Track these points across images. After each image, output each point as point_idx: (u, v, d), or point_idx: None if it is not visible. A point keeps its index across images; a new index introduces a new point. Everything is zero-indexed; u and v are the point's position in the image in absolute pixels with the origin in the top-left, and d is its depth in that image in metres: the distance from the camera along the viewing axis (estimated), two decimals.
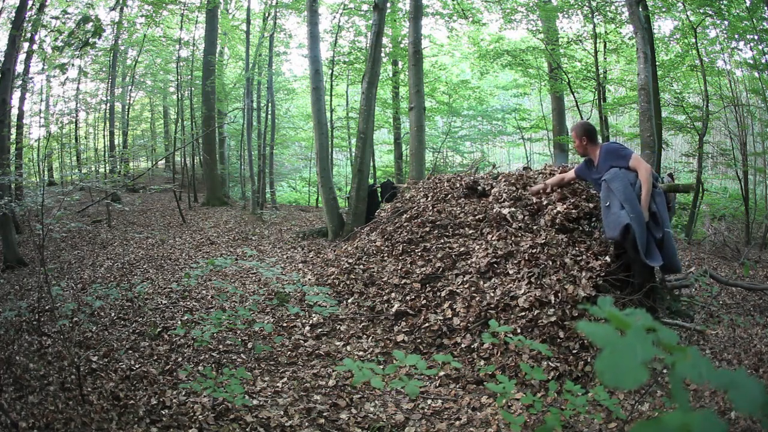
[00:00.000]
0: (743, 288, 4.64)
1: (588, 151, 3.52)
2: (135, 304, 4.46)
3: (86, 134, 17.25)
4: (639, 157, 3.32)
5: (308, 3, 8.05)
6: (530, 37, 12.24)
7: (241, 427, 2.40)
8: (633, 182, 3.17)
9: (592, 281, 3.26)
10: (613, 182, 3.20)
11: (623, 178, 3.18)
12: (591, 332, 0.54)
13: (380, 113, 13.98)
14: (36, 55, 9.70)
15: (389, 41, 12.35)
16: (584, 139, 3.49)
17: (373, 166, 12.29)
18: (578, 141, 3.52)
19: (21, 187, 7.94)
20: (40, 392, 2.57)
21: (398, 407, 2.68)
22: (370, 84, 7.53)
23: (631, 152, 3.33)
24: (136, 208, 11.05)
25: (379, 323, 3.89)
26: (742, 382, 0.54)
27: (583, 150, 3.53)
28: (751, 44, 8.65)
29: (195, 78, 13.05)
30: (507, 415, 1.20)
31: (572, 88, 9.95)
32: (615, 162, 3.30)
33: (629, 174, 3.21)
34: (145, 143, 17.86)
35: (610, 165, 3.31)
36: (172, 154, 15.79)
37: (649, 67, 5.89)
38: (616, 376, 0.49)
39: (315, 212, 12.50)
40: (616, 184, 3.17)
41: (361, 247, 5.24)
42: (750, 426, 2.08)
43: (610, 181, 3.21)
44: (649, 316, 0.60)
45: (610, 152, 3.36)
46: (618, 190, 3.13)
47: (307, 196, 18.68)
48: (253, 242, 7.92)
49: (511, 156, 21.09)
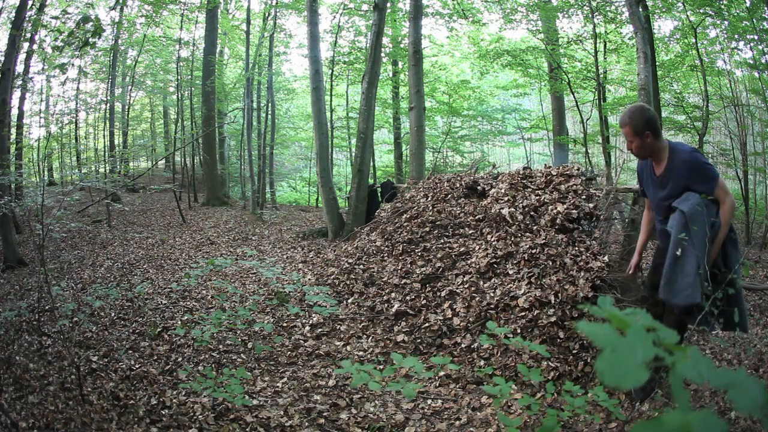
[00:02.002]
0: (743, 288, 4.63)
1: (655, 152, 2.39)
2: (135, 304, 4.46)
3: (86, 134, 17.26)
4: (724, 183, 2.35)
5: (308, 3, 8.05)
6: (530, 37, 12.24)
7: (241, 427, 2.40)
8: (711, 223, 2.27)
9: (589, 282, 3.26)
10: (695, 221, 2.22)
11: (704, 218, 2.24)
12: (591, 332, 0.54)
13: (380, 113, 13.98)
14: (36, 55, 9.71)
15: (389, 41, 12.35)
16: (648, 135, 2.32)
17: (373, 166, 12.29)
18: (638, 139, 2.34)
19: (21, 187, 7.94)
20: (40, 392, 2.57)
21: (398, 407, 2.67)
22: (370, 84, 7.53)
23: (717, 174, 2.33)
24: (136, 208, 11.05)
25: (379, 323, 3.89)
26: (743, 381, 0.54)
27: (648, 151, 2.39)
28: (751, 44, 8.64)
29: (195, 78, 13.05)
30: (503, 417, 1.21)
31: (572, 88, 9.94)
32: (695, 183, 2.29)
33: (710, 208, 2.28)
34: (145, 143, 17.85)
35: (686, 185, 2.31)
36: (172, 154, 15.79)
37: (649, 67, 5.89)
38: (616, 375, 0.48)
39: (315, 212, 12.50)
40: (698, 227, 2.21)
41: (361, 247, 5.24)
42: (750, 426, 2.08)
43: (691, 219, 2.23)
44: (649, 315, 0.60)
45: (693, 167, 2.30)
46: (698, 237, 2.21)
47: (307, 196, 18.68)
48: (253, 242, 7.92)
49: (511, 156, 21.10)
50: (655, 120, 2.36)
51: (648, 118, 2.33)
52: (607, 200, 3.94)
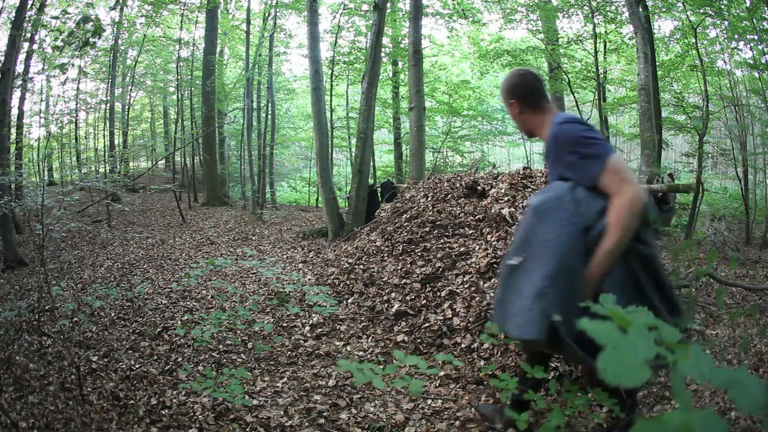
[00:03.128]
0: (743, 288, 4.64)
1: (534, 128, 1.78)
2: (135, 304, 4.46)
3: (86, 134, 17.26)
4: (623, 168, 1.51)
5: (308, 3, 8.05)
6: (530, 37, 12.24)
7: (241, 427, 2.40)
8: (590, 224, 1.50)
9: None
10: (545, 220, 1.54)
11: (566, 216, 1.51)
12: (593, 330, 0.54)
13: (380, 113, 13.98)
14: (36, 55, 9.71)
15: (389, 41, 12.36)
16: (514, 104, 1.78)
17: (373, 166, 12.29)
18: (509, 109, 1.83)
19: (21, 187, 7.94)
20: (40, 392, 2.57)
21: (398, 407, 2.67)
22: (370, 84, 7.53)
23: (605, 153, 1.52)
24: (136, 208, 11.05)
25: (379, 323, 3.89)
26: (744, 381, 0.54)
27: (524, 125, 1.82)
28: (751, 44, 8.65)
29: (195, 78, 13.06)
30: (511, 413, 1.20)
31: (572, 88, 9.95)
32: (566, 167, 1.60)
33: (592, 203, 1.51)
34: (145, 143, 17.86)
35: (558, 171, 1.65)
36: (172, 154, 15.78)
37: (649, 67, 5.89)
38: (618, 373, 0.48)
39: (315, 212, 12.49)
40: (550, 229, 1.52)
41: (361, 247, 5.24)
42: (750, 426, 2.08)
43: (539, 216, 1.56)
44: (650, 314, 0.60)
45: (561, 145, 1.61)
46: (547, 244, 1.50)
47: (307, 196, 18.69)
48: (253, 242, 7.92)
49: (511, 156, 21.11)
50: (524, 86, 1.76)
51: (514, 83, 1.77)
52: None
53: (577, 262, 1.48)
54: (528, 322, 1.47)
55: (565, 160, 1.59)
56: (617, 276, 1.49)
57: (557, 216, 1.52)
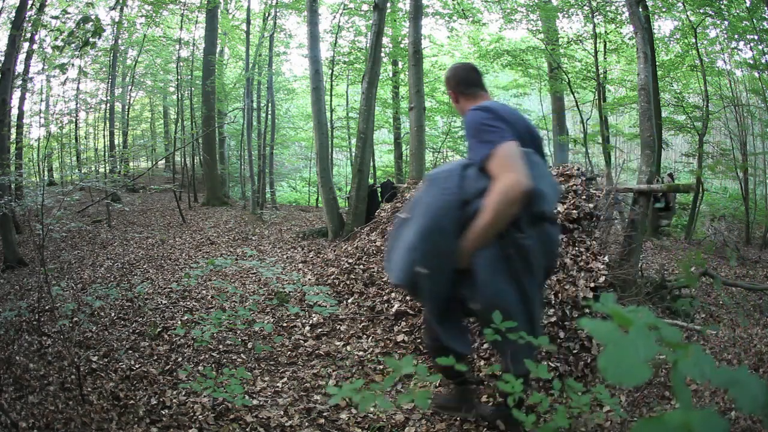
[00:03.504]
0: (743, 288, 4.64)
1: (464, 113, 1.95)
2: (135, 304, 4.46)
3: (86, 134, 17.26)
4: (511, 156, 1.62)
5: (308, 3, 8.05)
6: (530, 37, 12.25)
7: (241, 427, 2.40)
8: (469, 199, 1.67)
9: (590, 282, 3.25)
10: (431, 187, 1.80)
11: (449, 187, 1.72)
12: (594, 329, 0.54)
13: (380, 113, 13.97)
14: (36, 55, 9.72)
15: (389, 41, 12.35)
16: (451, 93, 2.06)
17: (373, 166, 12.29)
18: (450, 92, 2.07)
19: (21, 187, 7.94)
20: (40, 392, 2.57)
21: (398, 407, 2.67)
22: (370, 84, 7.53)
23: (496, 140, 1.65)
24: (136, 208, 11.05)
25: (379, 323, 3.89)
26: (744, 380, 0.54)
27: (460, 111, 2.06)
28: (751, 44, 8.65)
29: (195, 78, 13.06)
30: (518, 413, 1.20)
31: (572, 88, 9.95)
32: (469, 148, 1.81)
33: (478, 181, 1.68)
34: (145, 143, 17.86)
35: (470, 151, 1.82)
36: (172, 154, 15.79)
37: (649, 67, 5.89)
38: (619, 373, 0.48)
39: (315, 212, 12.49)
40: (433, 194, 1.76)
41: (361, 247, 5.24)
42: (750, 426, 2.08)
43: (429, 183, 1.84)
44: (651, 313, 0.60)
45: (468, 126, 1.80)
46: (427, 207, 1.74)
47: (307, 196, 18.69)
48: (253, 242, 7.92)
49: None
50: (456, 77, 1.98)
51: (448, 75, 2.02)
52: (607, 200, 3.94)
53: (447, 226, 1.68)
54: (398, 269, 1.79)
55: (468, 142, 1.82)
56: (490, 255, 1.66)
57: (442, 185, 1.75)
